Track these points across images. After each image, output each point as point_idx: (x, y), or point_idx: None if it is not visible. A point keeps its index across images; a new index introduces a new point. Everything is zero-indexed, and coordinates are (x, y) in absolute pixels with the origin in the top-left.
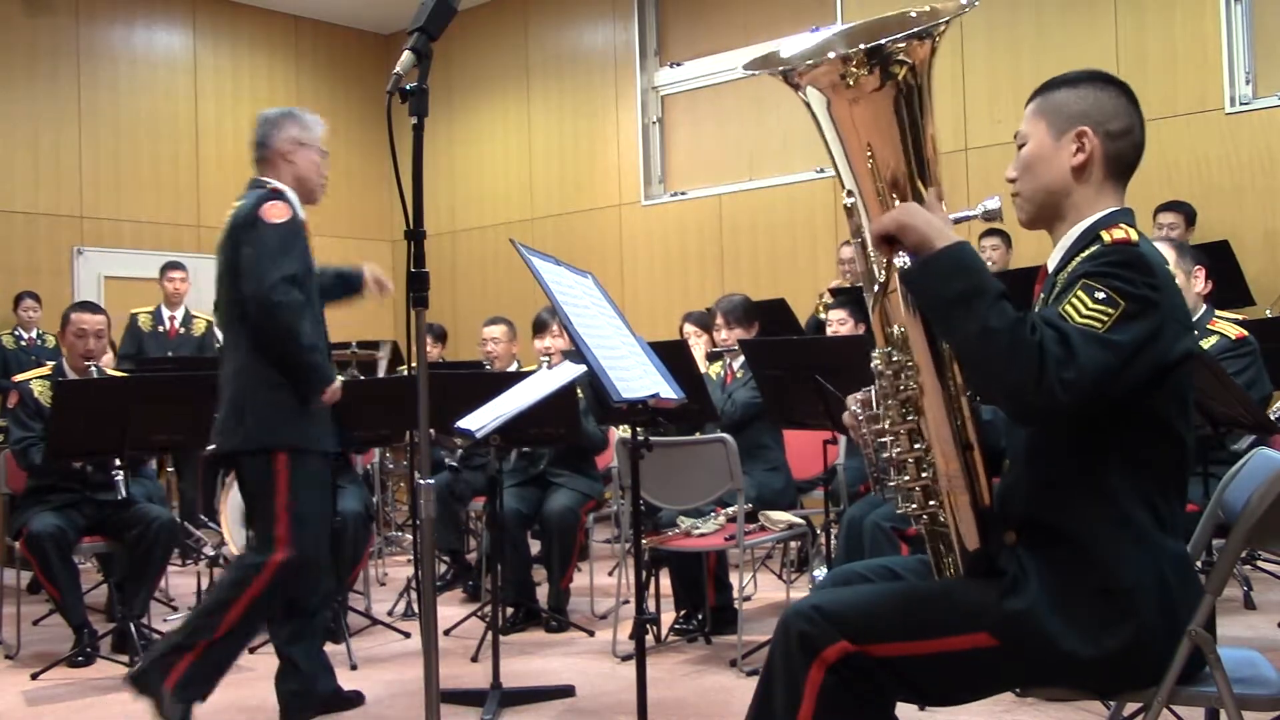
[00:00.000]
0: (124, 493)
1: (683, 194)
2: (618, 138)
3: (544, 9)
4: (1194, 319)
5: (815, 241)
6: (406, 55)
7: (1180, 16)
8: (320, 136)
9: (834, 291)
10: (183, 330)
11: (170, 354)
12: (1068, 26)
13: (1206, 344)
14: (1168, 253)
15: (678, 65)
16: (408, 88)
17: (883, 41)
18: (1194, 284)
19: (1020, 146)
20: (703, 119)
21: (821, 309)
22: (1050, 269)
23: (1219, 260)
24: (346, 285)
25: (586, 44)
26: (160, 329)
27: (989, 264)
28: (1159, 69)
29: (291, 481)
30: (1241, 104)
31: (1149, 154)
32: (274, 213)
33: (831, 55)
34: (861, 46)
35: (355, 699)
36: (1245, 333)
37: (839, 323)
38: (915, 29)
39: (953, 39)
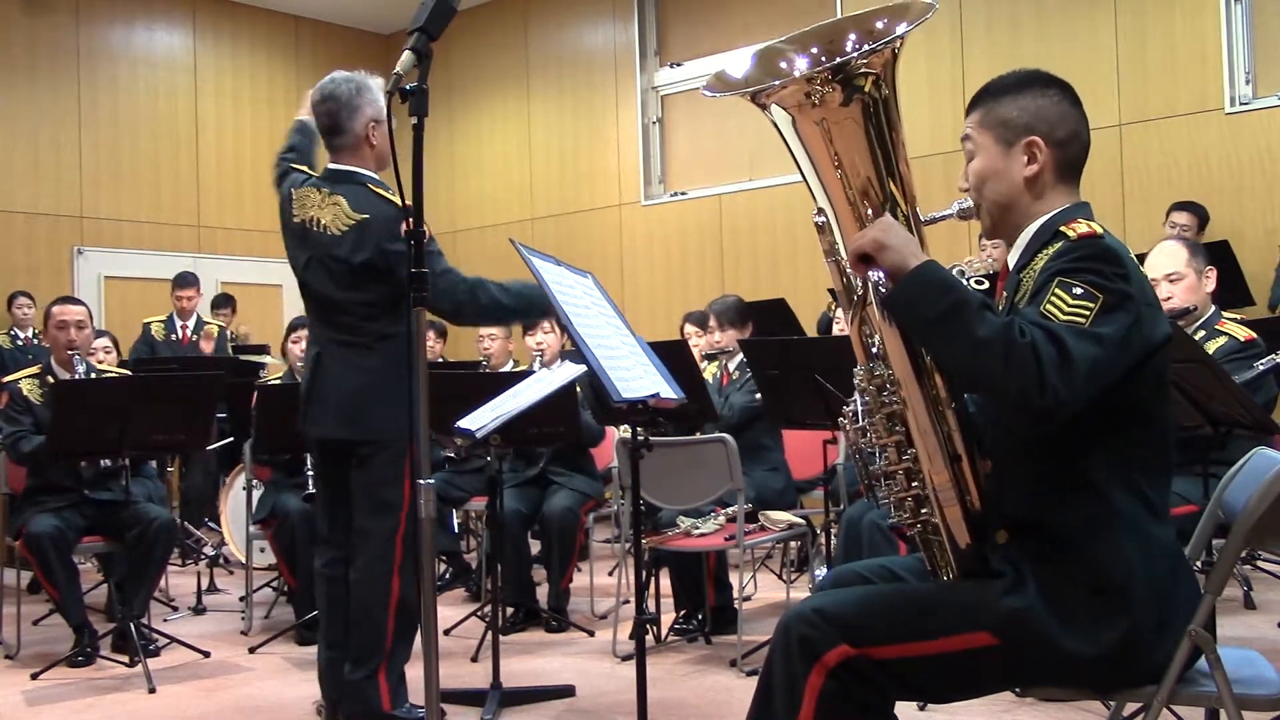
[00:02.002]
0: (133, 495)
1: (683, 194)
2: (618, 138)
3: (544, 9)
4: (1202, 320)
5: (815, 241)
6: (406, 55)
7: (1180, 16)
8: (384, 104)
9: (834, 292)
10: (194, 338)
11: (184, 356)
12: (1068, 27)
13: (1215, 345)
14: (1180, 251)
15: (678, 65)
16: (408, 88)
17: (846, 58)
18: (1205, 284)
19: (970, 157)
20: (703, 119)
21: (832, 308)
22: (1011, 266)
23: (1219, 260)
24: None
25: (586, 44)
26: (173, 337)
27: (990, 262)
28: (1159, 69)
29: (410, 471)
30: (1241, 104)
31: (1149, 154)
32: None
33: (784, 65)
34: (825, 62)
35: None
36: (1254, 334)
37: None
38: (872, 44)
39: (953, 39)
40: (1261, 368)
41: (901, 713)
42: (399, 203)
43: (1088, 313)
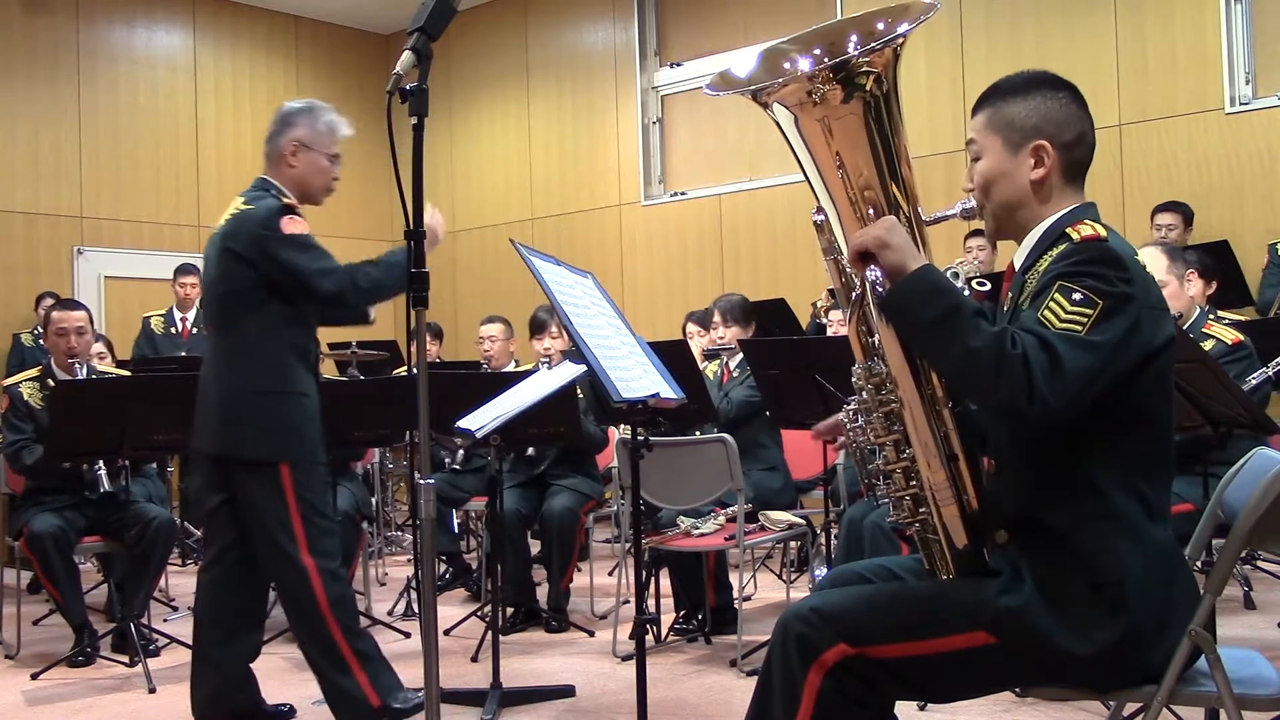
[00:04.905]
0: (104, 486)
1: (683, 194)
2: (618, 138)
3: (544, 9)
4: (1188, 324)
5: (815, 242)
6: (406, 55)
7: (1180, 16)
8: (331, 141)
9: (833, 294)
10: (195, 331)
11: (184, 355)
12: (1068, 27)
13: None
14: (1159, 258)
15: (678, 65)
16: (408, 88)
17: (847, 57)
18: (1186, 287)
19: (975, 158)
20: (703, 119)
21: (823, 312)
22: (1017, 267)
23: (1219, 260)
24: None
25: (586, 44)
26: (173, 330)
27: (975, 264)
28: (1159, 69)
29: (298, 492)
30: (1241, 104)
31: (1149, 154)
32: (292, 227)
33: (787, 66)
34: (827, 61)
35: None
36: (1241, 337)
37: (840, 324)
38: (875, 43)
39: (952, 39)
40: (1272, 373)
41: (901, 713)
42: (286, 200)
43: (1085, 319)
